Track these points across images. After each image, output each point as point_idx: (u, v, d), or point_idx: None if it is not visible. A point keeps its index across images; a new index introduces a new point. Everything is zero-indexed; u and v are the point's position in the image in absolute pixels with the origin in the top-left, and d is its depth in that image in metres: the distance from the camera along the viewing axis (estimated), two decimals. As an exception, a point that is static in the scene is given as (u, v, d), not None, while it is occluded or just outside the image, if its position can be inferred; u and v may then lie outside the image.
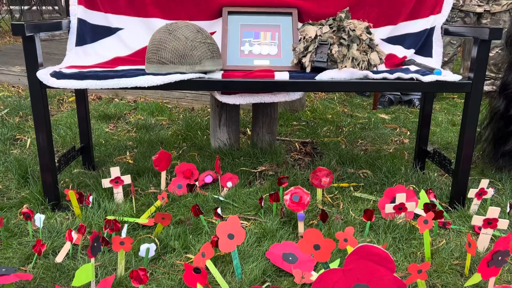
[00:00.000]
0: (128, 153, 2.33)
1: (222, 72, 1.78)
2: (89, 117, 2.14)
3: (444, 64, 3.58)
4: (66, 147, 2.42)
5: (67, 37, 1.93)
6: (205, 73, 1.71)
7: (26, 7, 8.92)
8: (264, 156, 2.20)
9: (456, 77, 1.67)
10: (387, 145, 2.56)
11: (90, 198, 1.73)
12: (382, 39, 2.00)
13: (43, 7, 9.12)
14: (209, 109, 3.24)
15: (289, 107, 3.23)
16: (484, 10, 3.34)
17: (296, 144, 2.54)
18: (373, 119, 3.06)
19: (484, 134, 2.18)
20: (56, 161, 1.79)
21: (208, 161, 2.15)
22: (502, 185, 2.01)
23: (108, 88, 1.63)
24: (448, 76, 1.68)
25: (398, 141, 2.64)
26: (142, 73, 1.67)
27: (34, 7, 8.79)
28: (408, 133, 2.79)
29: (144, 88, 1.62)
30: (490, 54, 3.48)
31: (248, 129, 2.80)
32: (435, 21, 1.94)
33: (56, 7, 9.29)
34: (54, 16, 9.19)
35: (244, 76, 1.72)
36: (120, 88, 1.63)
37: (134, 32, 1.93)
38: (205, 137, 2.57)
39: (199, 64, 1.68)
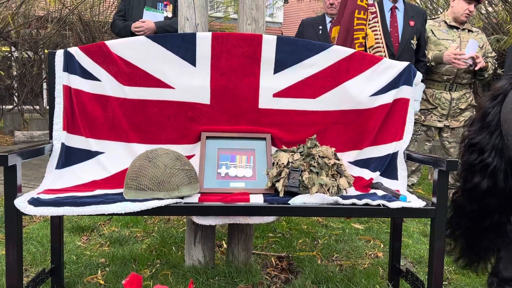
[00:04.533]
0: (99, 272, 2.27)
1: (199, 195, 1.84)
2: (63, 231, 2.12)
3: (412, 173, 3.76)
4: (35, 265, 2.34)
5: (44, 139, 1.98)
6: (182, 197, 1.77)
7: (8, 107, 9.12)
8: (239, 275, 2.17)
9: (421, 203, 1.78)
10: (362, 259, 2.58)
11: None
12: (350, 162, 2.14)
13: (24, 107, 9.35)
14: (185, 219, 3.24)
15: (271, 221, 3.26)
16: (444, 125, 3.62)
17: (272, 259, 2.53)
18: (347, 229, 3.11)
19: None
20: (24, 286, 1.74)
21: (182, 282, 2.11)
22: (475, 306, 2.02)
23: (85, 215, 1.65)
24: (413, 202, 1.78)
25: (372, 255, 2.67)
26: (120, 198, 1.72)
27: (16, 108, 8.99)
28: (382, 245, 2.84)
29: (121, 214, 1.65)
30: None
31: (224, 242, 2.79)
32: (397, 146, 2.10)
33: (37, 107, 9.53)
34: (35, 116, 9.38)
35: (220, 200, 1.78)
36: (97, 215, 1.66)
37: (114, 156, 2.01)
38: (180, 252, 2.54)
39: (177, 190, 1.75)
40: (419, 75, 2.14)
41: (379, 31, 3.21)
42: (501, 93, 2.09)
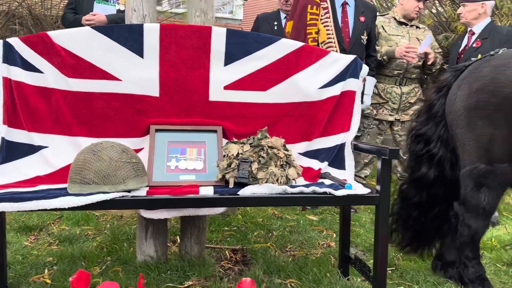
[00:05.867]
0: (46, 271, 2.20)
1: (147, 188, 1.81)
2: (5, 229, 2.02)
3: (365, 165, 3.87)
4: (-24, 267, 2.23)
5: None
6: (129, 191, 1.74)
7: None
8: (192, 269, 2.16)
9: (365, 191, 1.83)
10: (315, 249, 2.63)
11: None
12: (300, 153, 2.17)
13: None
14: (139, 216, 3.18)
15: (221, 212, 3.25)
16: (395, 119, 3.75)
17: (227, 252, 2.54)
18: (301, 221, 3.16)
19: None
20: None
21: (133, 278, 2.07)
22: (419, 289, 2.11)
23: (25, 210, 1.59)
24: (358, 189, 1.84)
25: (324, 245, 2.72)
26: (63, 193, 1.67)
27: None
28: (334, 235, 2.90)
29: (64, 209, 1.60)
30: (405, 157, 3.82)
31: (178, 237, 2.76)
32: (345, 137, 2.15)
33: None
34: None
35: (169, 193, 1.76)
36: (38, 210, 1.60)
37: (58, 150, 1.94)
38: (132, 249, 2.50)
39: (123, 183, 1.71)
40: (365, 68, 2.20)
41: (331, 26, 3.27)
42: (445, 86, 2.19)
